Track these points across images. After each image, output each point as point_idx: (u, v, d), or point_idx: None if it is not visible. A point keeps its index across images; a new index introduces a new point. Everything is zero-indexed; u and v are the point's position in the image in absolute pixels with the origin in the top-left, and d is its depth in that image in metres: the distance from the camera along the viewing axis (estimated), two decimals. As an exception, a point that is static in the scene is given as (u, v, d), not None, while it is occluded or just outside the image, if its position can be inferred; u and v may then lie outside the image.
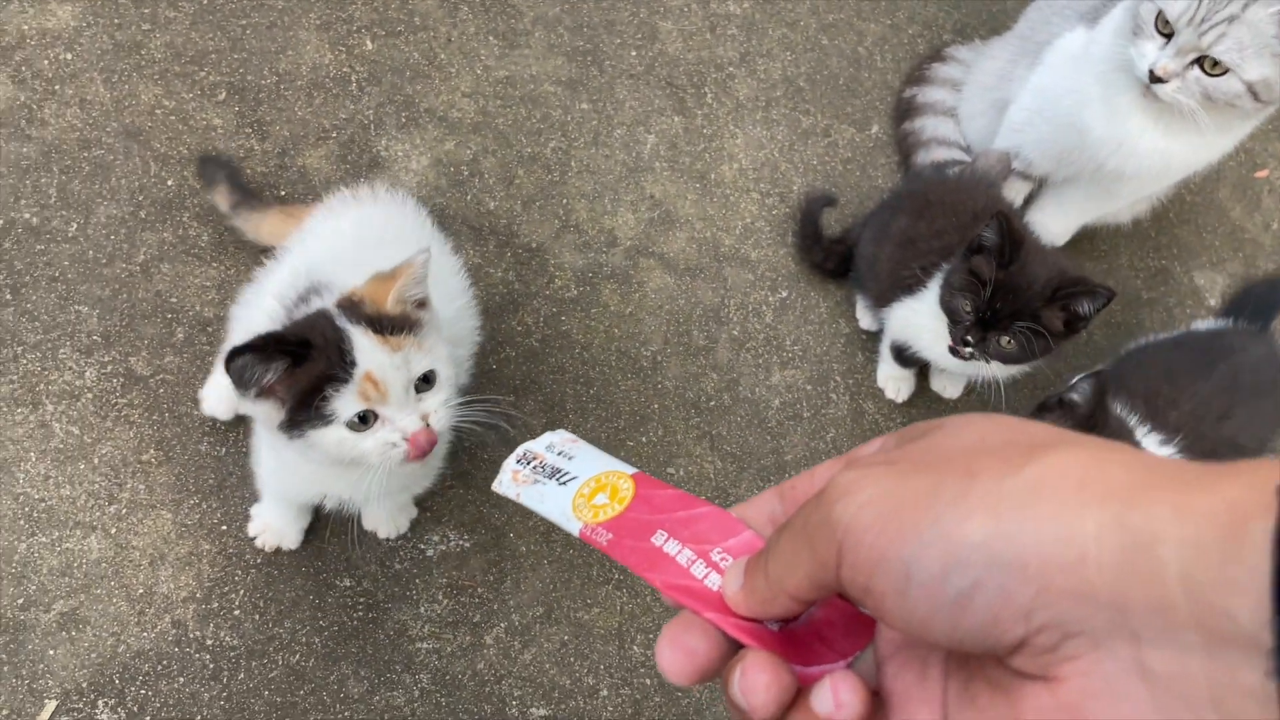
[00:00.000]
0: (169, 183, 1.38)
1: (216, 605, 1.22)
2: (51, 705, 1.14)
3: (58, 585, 1.18)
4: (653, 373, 1.48)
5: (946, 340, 1.31)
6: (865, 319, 1.57)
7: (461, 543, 1.31)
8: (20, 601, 1.17)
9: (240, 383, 0.88)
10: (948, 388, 1.56)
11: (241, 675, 1.20)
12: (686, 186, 1.60)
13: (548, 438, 0.54)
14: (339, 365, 0.89)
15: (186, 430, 1.28)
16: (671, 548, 0.42)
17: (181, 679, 1.18)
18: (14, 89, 1.37)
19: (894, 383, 1.54)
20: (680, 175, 1.61)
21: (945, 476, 0.31)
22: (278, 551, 1.25)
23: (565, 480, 0.49)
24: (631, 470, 0.47)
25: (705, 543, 0.42)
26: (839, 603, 0.40)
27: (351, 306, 0.93)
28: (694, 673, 0.38)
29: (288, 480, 1.13)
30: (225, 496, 1.27)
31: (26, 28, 1.41)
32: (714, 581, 0.41)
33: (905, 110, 1.72)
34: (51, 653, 1.16)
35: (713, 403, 1.47)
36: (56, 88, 1.39)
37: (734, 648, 0.39)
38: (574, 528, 0.46)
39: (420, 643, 1.26)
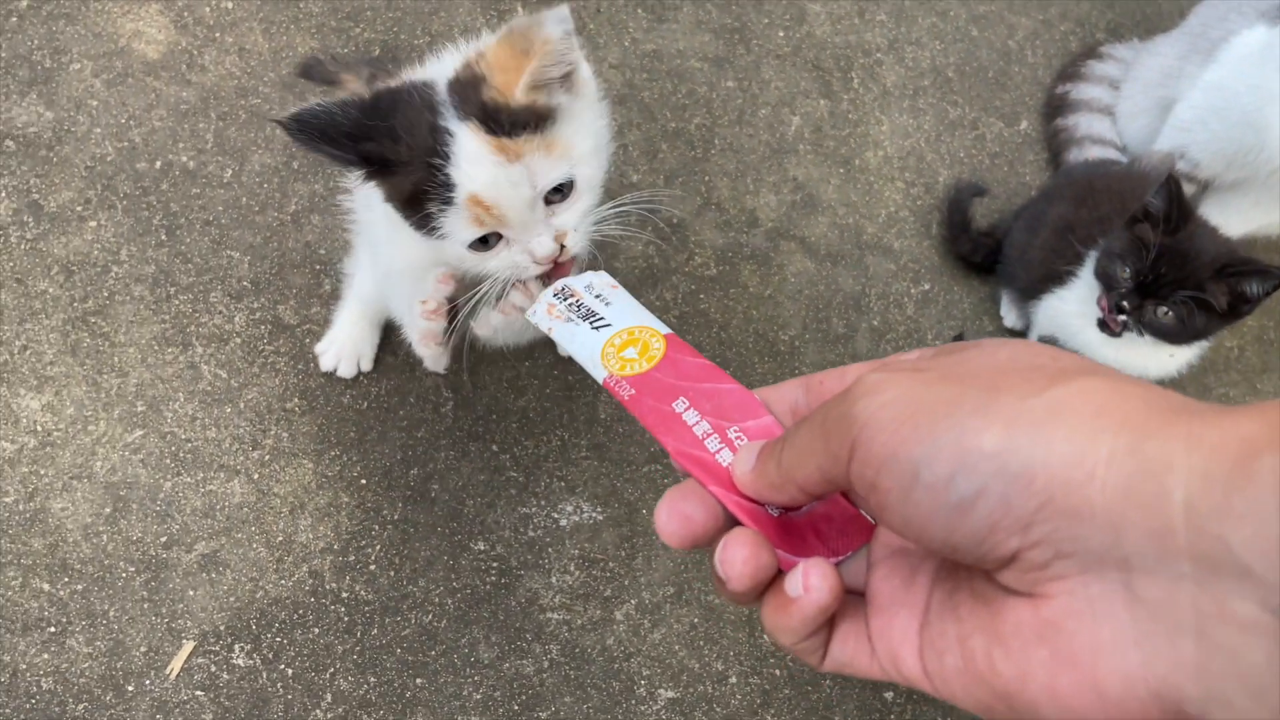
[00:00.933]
0: (322, 135, 1.38)
1: (353, 559, 1.20)
2: (189, 645, 1.13)
3: (200, 526, 1.18)
4: (790, 358, 1.44)
5: (1094, 328, 1.25)
6: (1010, 316, 1.52)
7: (595, 515, 1.29)
8: (163, 540, 1.17)
9: (320, 161, 0.73)
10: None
11: (375, 631, 1.18)
12: (830, 171, 1.56)
13: (588, 277, 0.54)
14: (434, 184, 0.69)
15: (330, 381, 1.27)
16: (690, 417, 0.42)
17: (316, 629, 1.17)
18: (176, 33, 1.38)
19: (1038, 384, 1.47)
20: (824, 159, 1.57)
21: (969, 389, 0.32)
22: (358, 381, 1.23)
23: (598, 325, 0.48)
24: (665, 330, 0.47)
25: (724, 418, 0.43)
26: (841, 502, 0.41)
27: (465, 87, 0.70)
28: (688, 538, 0.40)
29: (398, 252, 0.87)
30: (365, 450, 1.25)
31: (190, -25, 1.42)
32: (725, 458, 0.41)
33: (1057, 107, 1.66)
34: (191, 593, 1.15)
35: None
36: (217, 35, 1.40)
37: (730, 522, 0.40)
38: (599, 375, 0.46)
39: (551, 613, 1.23)
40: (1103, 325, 1.24)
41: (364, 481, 1.24)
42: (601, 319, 0.49)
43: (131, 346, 1.23)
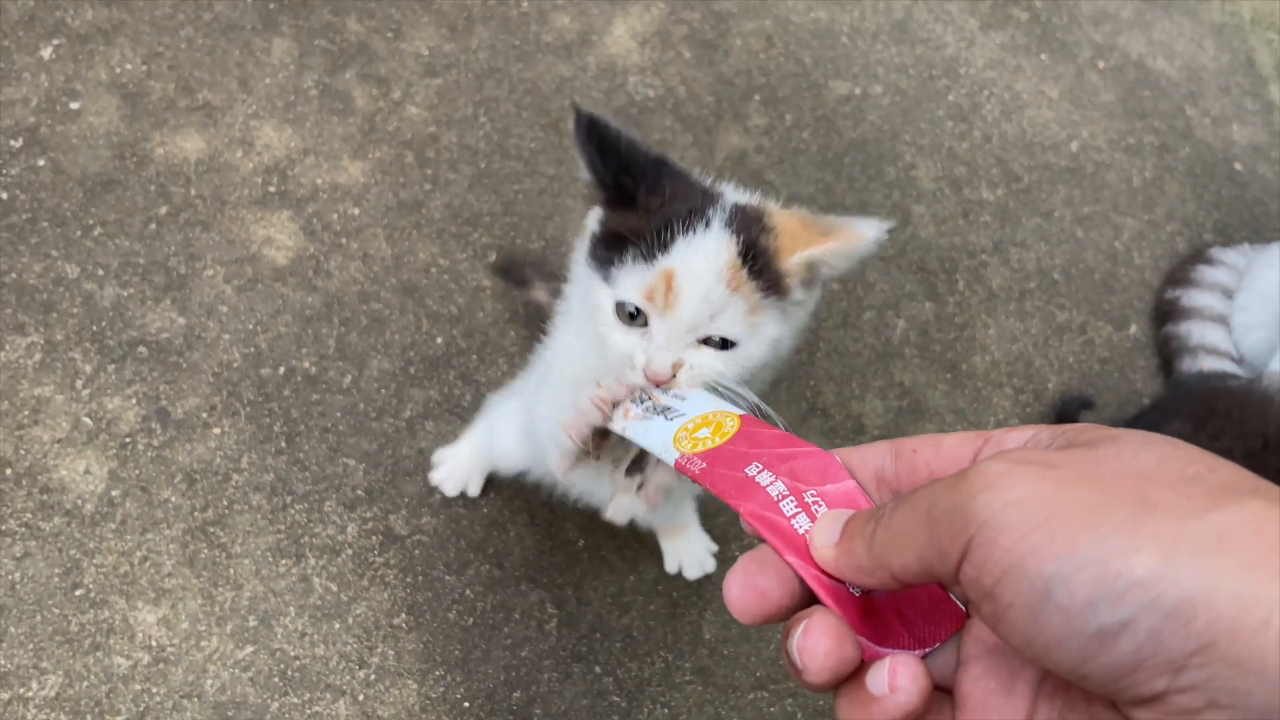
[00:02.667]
0: (438, 340, 1.41)
1: (454, 790, 1.17)
2: None
3: (304, 751, 1.16)
4: (900, 575, 1.40)
5: None
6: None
7: (699, 745, 1.24)
8: (267, 764, 1.15)
9: (580, 116, 0.73)
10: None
11: None
12: (937, 376, 1.55)
13: None
14: (652, 241, 0.70)
15: (438, 596, 1.26)
16: (764, 478, 0.40)
17: None
18: (305, 240, 1.44)
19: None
20: (931, 363, 1.56)
21: (1114, 497, 0.28)
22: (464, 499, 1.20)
23: (673, 417, 0.49)
24: (741, 412, 0.45)
25: (801, 481, 0.40)
26: (932, 585, 0.37)
27: (748, 216, 0.72)
28: (760, 615, 0.36)
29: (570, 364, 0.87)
30: (469, 670, 1.24)
31: (320, 181, 1.48)
32: (802, 523, 0.38)
33: (1167, 312, 1.64)
34: (291, 823, 1.13)
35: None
36: (343, 241, 1.45)
37: (806, 594, 0.37)
38: (671, 458, 0.44)
39: None
40: None
41: (467, 705, 1.22)
42: (676, 411, 0.49)
43: (247, 558, 1.24)
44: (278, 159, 1.48)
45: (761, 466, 0.41)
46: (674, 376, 0.70)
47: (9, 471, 1.23)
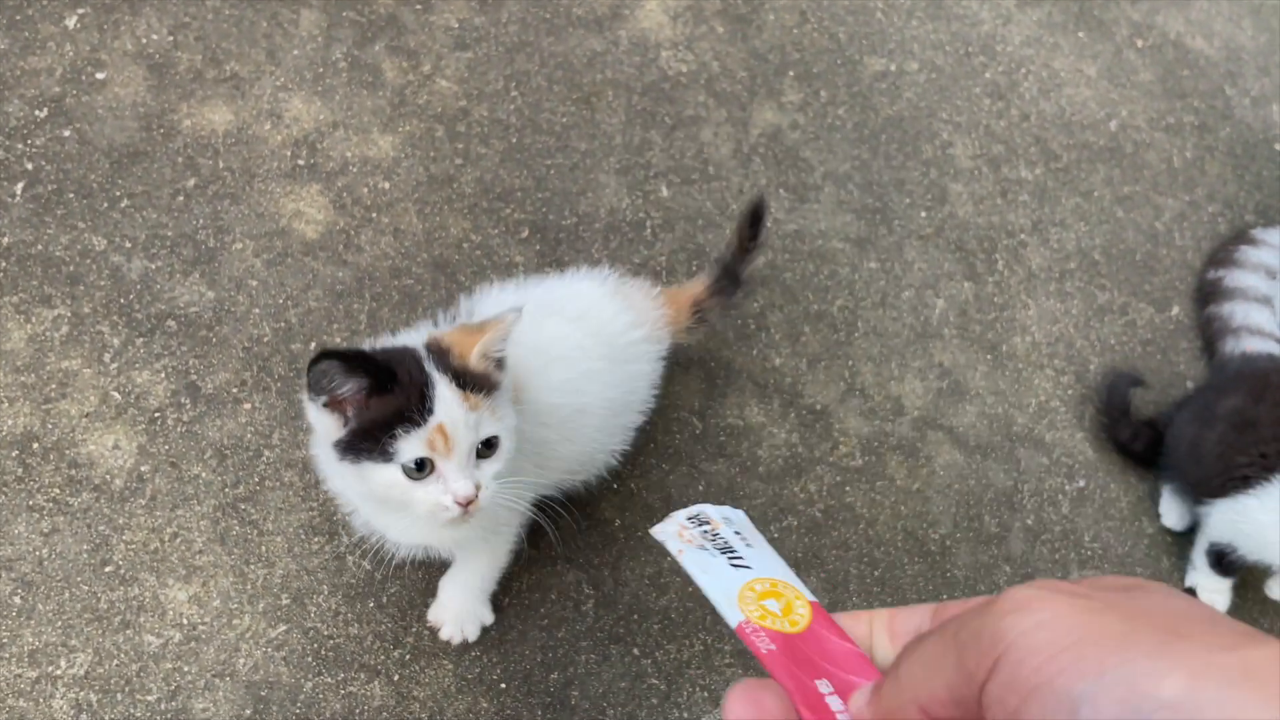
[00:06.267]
0: (470, 316, 1.38)
1: (492, 772, 1.15)
2: None
3: (339, 731, 1.14)
4: (941, 559, 1.37)
5: None
6: (1171, 517, 1.43)
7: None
8: (301, 745, 1.12)
9: (316, 387, 0.89)
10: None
11: None
12: (977, 357, 1.52)
13: (727, 510, 0.51)
14: (417, 408, 0.88)
15: (473, 576, 1.24)
16: (834, 703, 0.39)
17: None
18: (335, 214, 1.41)
19: (1207, 595, 1.38)
20: (970, 344, 1.53)
21: (1142, 626, 0.28)
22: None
23: (737, 563, 0.45)
24: (810, 596, 0.44)
25: None
26: None
27: (439, 352, 0.93)
28: None
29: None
30: (506, 650, 1.21)
31: (350, 154, 1.45)
32: None
33: (1210, 293, 1.60)
34: (326, 805, 1.10)
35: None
36: (374, 215, 1.42)
37: None
38: (733, 617, 0.43)
39: (695, 840, 1.15)
40: None
41: (504, 685, 1.19)
42: (740, 558, 0.46)
43: (279, 535, 1.21)
44: (306, 132, 1.45)
45: (833, 688, 0.39)
46: (477, 497, 0.90)
47: (36, 445, 1.20)
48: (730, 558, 0.46)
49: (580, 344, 1.12)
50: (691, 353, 1.41)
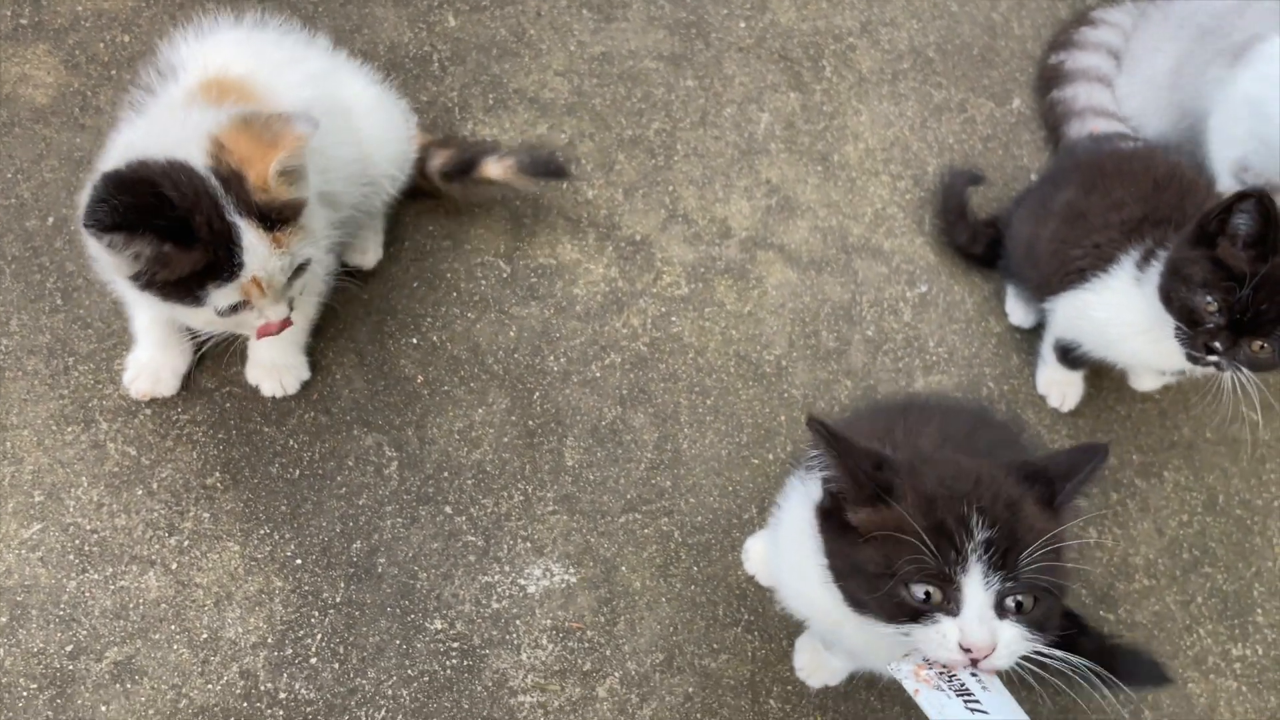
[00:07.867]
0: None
1: (290, 652, 1.05)
2: (103, 771, 0.98)
3: (111, 630, 1.03)
4: (778, 380, 1.28)
5: (1146, 336, 1.10)
6: (1018, 314, 1.36)
7: (567, 578, 1.13)
8: (69, 649, 1.02)
9: (98, 225, 0.80)
10: (1144, 380, 1.33)
11: (319, 735, 1.03)
12: (807, 170, 1.42)
13: None
14: (225, 265, 0.85)
15: (256, 450, 1.12)
16: None
17: (251, 739, 1.01)
18: (68, 74, 1.24)
19: (1058, 388, 1.32)
20: (799, 157, 1.42)
21: None
22: (165, 405, 1.08)
23: (972, 707, 0.47)
24: None
25: None
26: None
27: (232, 180, 0.85)
28: None
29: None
30: (300, 525, 1.10)
31: (80, 9, 1.28)
32: None
33: (1051, 78, 1.51)
34: (104, 708, 1.00)
35: (849, 414, 1.27)
36: (113, 72, 1.26)
37: None
38: None
39: (523, 695, 1.07)
40: (1193, 358, 1.07)
41: (299, 561, 1.09)
42: (977, 702, 0.47)
43: (26, 428, 1.09)
44: (27, -13, 1.28)
45: None
46: (291, 313, 0.94)
47: None
48: (966, 700, 0.47)
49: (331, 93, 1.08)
50: (493, 191, 1.28)
